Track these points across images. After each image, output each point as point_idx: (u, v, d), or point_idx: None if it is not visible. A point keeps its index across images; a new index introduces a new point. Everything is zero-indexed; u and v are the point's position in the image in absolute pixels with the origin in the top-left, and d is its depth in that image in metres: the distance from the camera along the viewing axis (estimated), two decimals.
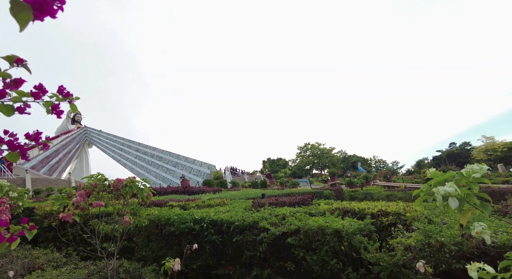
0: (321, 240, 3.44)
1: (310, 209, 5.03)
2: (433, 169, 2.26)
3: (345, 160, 73.83)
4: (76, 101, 1.27)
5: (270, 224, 4.04)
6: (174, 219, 4.94)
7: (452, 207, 1.83)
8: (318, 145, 67.46)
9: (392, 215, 4.05)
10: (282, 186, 23.10)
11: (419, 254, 2.91)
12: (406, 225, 3.87)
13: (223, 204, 6.67)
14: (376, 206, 4.49)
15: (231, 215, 4.70)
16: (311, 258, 3.45)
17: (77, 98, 1.27)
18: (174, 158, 40.94)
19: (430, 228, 2.96)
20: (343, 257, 3.51)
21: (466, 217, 1.94)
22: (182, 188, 15.04)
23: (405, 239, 3.03)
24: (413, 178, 27.33)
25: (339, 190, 16.45)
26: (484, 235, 1.83)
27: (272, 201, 5.84)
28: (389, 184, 23.15)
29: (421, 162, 73.30)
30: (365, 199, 14.38)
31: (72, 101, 1.26)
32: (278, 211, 4.76)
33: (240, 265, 4.14)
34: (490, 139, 55.51)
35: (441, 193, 1.86)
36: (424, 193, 2.06)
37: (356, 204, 4.77)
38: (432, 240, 2.79)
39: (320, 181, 30.74)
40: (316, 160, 66.32)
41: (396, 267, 3.02)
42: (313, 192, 13.20)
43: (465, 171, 2.05)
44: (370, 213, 4.20)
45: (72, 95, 1.26)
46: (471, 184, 2.00)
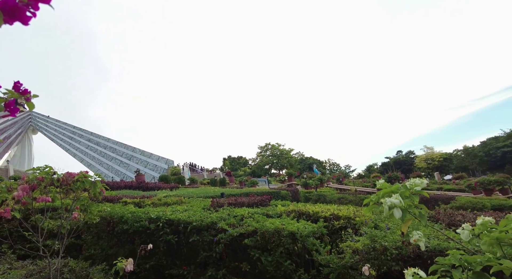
0: (277, 242, 3.57)
1: (268, 210, 5.16)
2: (382, 180, 2.48)
3: (302, 161, 76.40)
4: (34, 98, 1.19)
5: (228, 225, 4.08)
6: (128, 217, 4.76)
7: (396, 217, 2.03)
8: (278, 146, 68.96)
9: (343, 219, 4.32)
10: (241, 185, 23.23)
11: (365, 257, 3.16)
12: (355, 229, 4.16)
13: (180, 202, 6.56)
14: (329, 209, 4.75)
15: (189, 214, 4.66)
16: (266, 259, 3.56)
17: (35, 96, 1.19)
18: (129, 150, 38.98)
19: (376, 233, 3.23)
20: (296, 259, 3.67)
21: (407, 225, 2.17)
22: (136, 183, 14.41)
23: (353, 243, 3.27)
24: (363, 182, 29.15)
25: (295, 191, 17.01)
26: (420, 242, 2.07)
27: (231, 201, 5.88)
28: (341, 186, 24.46)
29: (371, 167, 78.65)
30: (318, 200, 15.06)
31: (29, 99, 1.17)
32: (237, 211, 4.82)
33: (195, 265, 4.12)
34: (430, 149, 61.43)
35: (388, 204, 2.06)
36: (373, 202, 2.26)
37: (310, 207, 5.00)
38: (377, 244, 3.05)
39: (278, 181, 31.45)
40: (275, 160, 67.71)
41: (344, 269, 3.25)
42: (271, 192, 13.50)
43: (408, 183, 2.28)
44: (323, 216, 4.44)
45: (30, 92, 1.18)
46: (413, 196, 2.24)
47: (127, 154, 38.54)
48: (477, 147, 66.82)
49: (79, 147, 40.55)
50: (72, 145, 41.04)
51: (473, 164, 64.91)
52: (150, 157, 37.67)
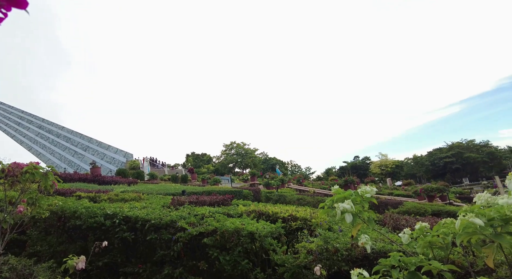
0: (236, 241, 3.65)
1: (229, 210, 5.23)
2: (337, 186, 2.67)
3: (266, 162, 77.45)
4: None
5: (188, 224, 4.08)
6: (82, 212, 4.54)
7: (347, 221, 2.21)
8: (244, 145, 69.25)
9: (300, 220, 4.52)
10: (204, 182, 22.96)
11: (318, 257, 3.36)
12: (311, 230, 4.37)
13: (139, 199, 6.36)
14: (288, 210, 4.94)
15: (148, 212, 4.56)
16: (224, 258, 3.63)
17: None
18: (85, 140, 36.58)
19: (329, 235, 3.45)
20: (253, 258, 3.78)
21: (357, 229, 2.37)
22: (92, 176, 13.59)
23: (308, 243, 3.46)
24: (322, 184, 30.36)
25: (257, 191, 17.24)
26: (367, 245, 2.28)
27: (193, 200, 5.84)
28: (301, 188, 25.24)
29: (330, 170, 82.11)
30: (279, 201, 15.41)
31: None
32: (198, 210, 4.82)
33: (151, 263, 4.05)
34: (384, 156, 65.77)
35: (340, 209, 2.24)
36: (327, 206, 2.44)
37: (270, 207, 5.16)
38: (329, 245, 3.26)
39: (241, 180, 31.59)
40: (239, 159, 67.89)
41: (299, 268, 3.42)
42: (233, 190, 13.55)
43: (360, 190, 2.49)
44: (282, 217, 4.61)
45: None
46: (363, 202, 2.45)
47: (82, 144, 36.16)
48: (424, 157, 72.92)
49: (28, 134, 37.19)
50: (19, 131, 37.50)
51: (420, 171, 70.72)
52: (107, 148, 35.71)
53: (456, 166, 64.04)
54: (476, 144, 69.00)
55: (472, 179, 61.23)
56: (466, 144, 68.96)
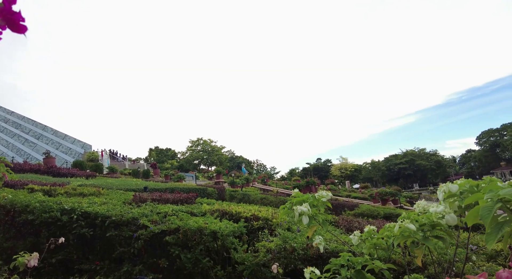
0: (198, 240, 3.72)
1: (193, 209, 5.26)
2: (296, 190, 2.87)
3: (232, 160, 77.44)
4: None
5: (151, 221, 4.06)
6: (36, 206, 4.31)
7: (304, 223, 2.41)
8: (210, 142, 68.49)
9: (262, 220, 4.70)
10: (167, 178, 22.43)
11: (277, 256, 3.55)
12: (271, 229, 4.57)
13: (98, 194, 6.14)
14: (251, 210, 5.10)
15: (108, 208, 4.46)
16: (185, 256, 3.68)
17: None
18: (38, 128, 33.92)
19: (288, 235, 3.65)
20: (214, 256, 3.88)
21: (312, 230, 2.57)
22: (45, 167, 12.68)
23: (268, 242, 3.64)
24: (285, 184, 31.12)
25: (222, 189, 17.26)
26: (320, 245, 2.49)
27: (156, 197, 5.78)
28: (265, 187, 25.67)
29: (293, 170, 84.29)
30: (243, 200, 15.59)
31: None
32: (161, 208, 4.80)
33: (110, 260, 3.98)
34: (344, 160, 68.99)
35: (298, 211, 2.43)
36: (287, 208, 2.62)
37: (234, 207, 5.28)
38: (287, 245, 3.46)
39: (206, 177, 31.35)
40: (206, 155, 67.05)
41: (258, 266, 3.58)
42: (197, 188, 13.45)
43: (317, 195, 2.70)
44: (245, 217, 4.75)
45: None
46: (319, 205, 2.66)
47: (35, 132, 33.47)
48: (381, 162, 77.70)
49: None
50: None
51: (377, 176, 75.23)
52: (64, 138, 33.45)
53: (408, 172, 69.05)
54: (427, 152, 75.01)
55: (421, 184, 66.47)
56: (418, 152, 74.67)
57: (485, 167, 74.58)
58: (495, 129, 77.88)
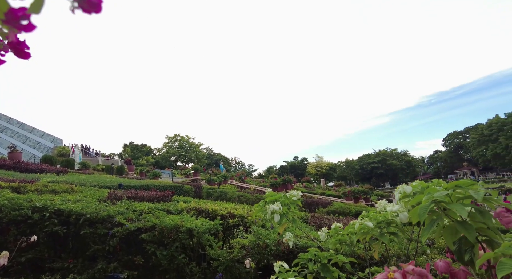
0: (174, 237, 3.81)
1: (169, 206, 5.31)
2: (269, 189, 3.04)
3: (210, 157, 76.96)
4: None
5: (126, 219, 4.09)
6: (4, 203, 4.21)
7: (275, 220, 2.58)
8: (188, 138, 67.50)
9: (237, 218, 4.85)
10: (142, 175, 21.98)
11: (250, 252, 3.71)
12: (246, 226, 4.73)
13: (71, 191, 6.01)
14: (227, 208, 5.23)
15: (83, 205, 4.42)
16: (161, 253, 3.76)
17: None
18: (2, 120, 31.97)
19: (262, 232, 3.83)
20: (190, 253, 3.99)
21: (283, 227, 2.75)
22: (11, 162, 12.05)
23: (242, 239, 3.80)
24: (262, 182, 31.43)
25: (199, 186, 17.22)
26: (289, 241, 2.68)
27: (131, 195, 5.76)
28: (243, 185, 25.84)
29: (271, 168, 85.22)
30: (220, 197, 15.66)
31: None
32: (136, 206, 4.82)
33: (83, 258, 3.97)
34: (320, 158, 70.64)
35: (270, 209, 2.60)
36: (261, 207, 2.78)
37: (211, 205, 5.39)
38: (261, 241, 3.64)
39: (183, 174, 30.96)
40: (183, 152, 66.04)
41: (232, 262, 3.73)
42: (174, 186, 13.38)
43: (288, 194, 2.88)
44: (221, 215, 4.87)
45: None
46: (290, 204, 2.84)
47: None
48: (355, 161, 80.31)
49: None
50: None
51: (350, 174, 77.72)
52: (32, 131, 31.76)
53: (380, 171, 71.91)
54: (398, 152, 78.43)
55: (392, 183, 69.44)
56: (390, 152, 77.88)
57: (450, 167, 79.36)
58: (459, 132, 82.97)
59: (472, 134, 75.42)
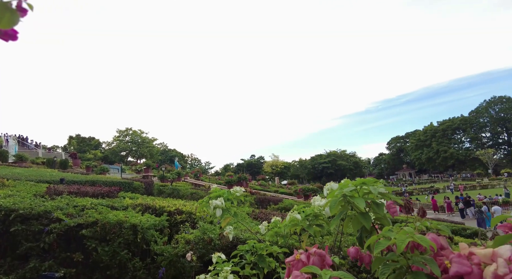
0: (118, 233, 3.76)
1: (114, 202, 5.17)
2: (215, 186, 3.18)
3: (165, 153, 74.41)
4: None
5: (66, 215, 3.93)
6: None
7: (217, 215, 2.73)
8: (141, 133, 64.41)
9: (185, 214, 4.90)
10: (88, 170, 20.57)
11: (195, 246, 3.81)
12: (194, 222, 4.81)
13: (2, 185, 5.51)
14: (175, 204, 5.25)
15: (15, 201, 4.13)
16: (102, 249, 3.68)
17: None
18: None
19: (207, 227, 3.95)
20: (134, 248, 3.96)
21: (226, 222, 2.91)
22: None
23: (187, 234, 3.88)
24: (218, 179, 31.38)
25: (150, 183, 16.67)
26: (229, 234, 2.85)
27: (73, 190, 5.46)
28: (197, 182, 25.57)
29: (228, 166, 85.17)
30: (172, 194, 15.36)
31: None
32: (78, 201, 4.62)
33: (13, 257, 3.72)
34: (276, 157, 72.56)
35: (213, 205, 2.74)
36: (205, 202, 2.91)
37: (158, 201, 5.36)
38: (205, 236, 3.76)
39: (134, 170, 29.60)
40: (135, 147, 62.87)
41: (177, 257, 3.79)
42: (122, 182, 12.83)
43: (232, 190, 3.05)
44: (168, 211, 4.89)
45: None
46: (234, 199, 3.01)
47: None
48: (308, 161, 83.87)
49: None
50: None
51: (303, 173, 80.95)
52: None
53: (330, 170, 76.04)
54: (347, 153, 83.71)
55: None
56: (340, 153, 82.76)
57: (392, 168, 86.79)
58: (400, 137, 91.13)
59: (411, 140, 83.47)
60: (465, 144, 76.67)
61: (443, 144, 73.83)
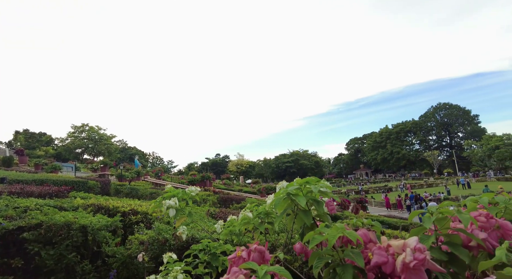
0: (65, 235, 3.55)
1: (63, 203, 4.87)
2: (169, 186, 3.15)
3: (124, 151, 71.00)
4: None
5: (4, 217, 3.63)
6: None
7: (170, 215, 2.71)
8: (99, 129, 60.72)
9: (141, 214, 4.77)
10: (38, 168, 18.95)
11: (149, 247, 3.73)
12: (150, 223, 4.69)
13: None
14: (130, 204, 5.08)
15: None
16: (47, 253, 3.46)
17: None
18: None
19: (163, 227, 3.88)
20: (84, 251, 3.77)
21: (180, 221, 2.90)
22: None
23: (141, 235, 3.79)
24: (181, 179, 30.68)
25: (106, 182, 15.84)
26: (183, 235, 2.84)
27: (16, 190, 5.04)
28: (158, 181, 24.78)
29: (192, 165, 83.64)
30: (130, 194, 14.74)
31: None
32: (20, 202, 4.29)
33: None
34: (241, 156, 72.81)
35: (166, 205, 2.72)
36: (158, 203, 2.87)
37: (112, 201, 5.15)
38: (160, 236, 3.70)
39: (90, 169, 27.86)
40: (91, 144, 59.10)
41: (130, 258, 3.69)
42: (76, 181, 12.05)
43: (187, 189, 3.05)
44: (122, 211, 4.72)
45: None
46: (189, 199, 3.01)
47: None
48: (272, 160, 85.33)
49: None
50: None
51: (267, 172, 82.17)
52: None
53: (293, 170, 78.07)
54: (309, 153, 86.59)
55: None
56: (302, 152, 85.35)
57: (350, 168, 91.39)
58: (358, 138, 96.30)
59: (367, 141, 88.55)
60: (415, 146, 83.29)
61: (397, 146, 79.43)
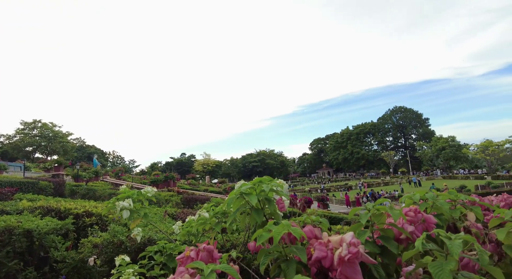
0: (5, 241, 3.28)
1: (6, 206, 4.49)
2: (124, 186, 3.05)
3: (82, 149, 66.77)
4: None
5: None
6: None
7: (124, 217, 2.63)
8: (53, 126, 56.27)
9: (95, 216, 4.54)
10: None
11: (104, 250, 3.57)
12: (105, 225, 4.48)
13: None
14: (85, 206, 4.82)
15: None
16: None
17: None
18: None
19: (119, 229, 3.73)
20: (28, 257, 3.51)
21: (135, 223, 2.82)
22: None
23: (95, 238, 3.61)
24: (143, 179, 29.53)
25: (60, 183, 14.80)
26: (137, 236, 2.77)
27: None
28: (118, 181, 23.66)
29: (155, 164, 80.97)
30: (87, 195, 13.94)
31: None
32: None
33: None
34: (208, 156, 71.95)
35: (120, 206, 2.63)
36: (112, 204, 2.77)
37: (65, 203, 4.84)
38: (115, 239, 3.55)
39: (42, 168, 25.76)
40: (44, 142, 54.63)
41: (82, 262, 3.50)
42: (24, 181, 11.11)
43: (143, 190, 2.97)
44: (75, 213, 4.46)
45: None
46: (145, 200, 2.95)
47: None
48: (239, 159, 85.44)
49: None
50: None
51: (234, 171, 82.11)
52: None
53: (260, 169, 78.87)
54: (275, 153, 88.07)
55: None
56: (269, 152, 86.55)
57: (314, 167, 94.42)
58: (321, 138, 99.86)
59: (330, 141, 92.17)
60: (374, 146, 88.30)
61: (357, 146, 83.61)
